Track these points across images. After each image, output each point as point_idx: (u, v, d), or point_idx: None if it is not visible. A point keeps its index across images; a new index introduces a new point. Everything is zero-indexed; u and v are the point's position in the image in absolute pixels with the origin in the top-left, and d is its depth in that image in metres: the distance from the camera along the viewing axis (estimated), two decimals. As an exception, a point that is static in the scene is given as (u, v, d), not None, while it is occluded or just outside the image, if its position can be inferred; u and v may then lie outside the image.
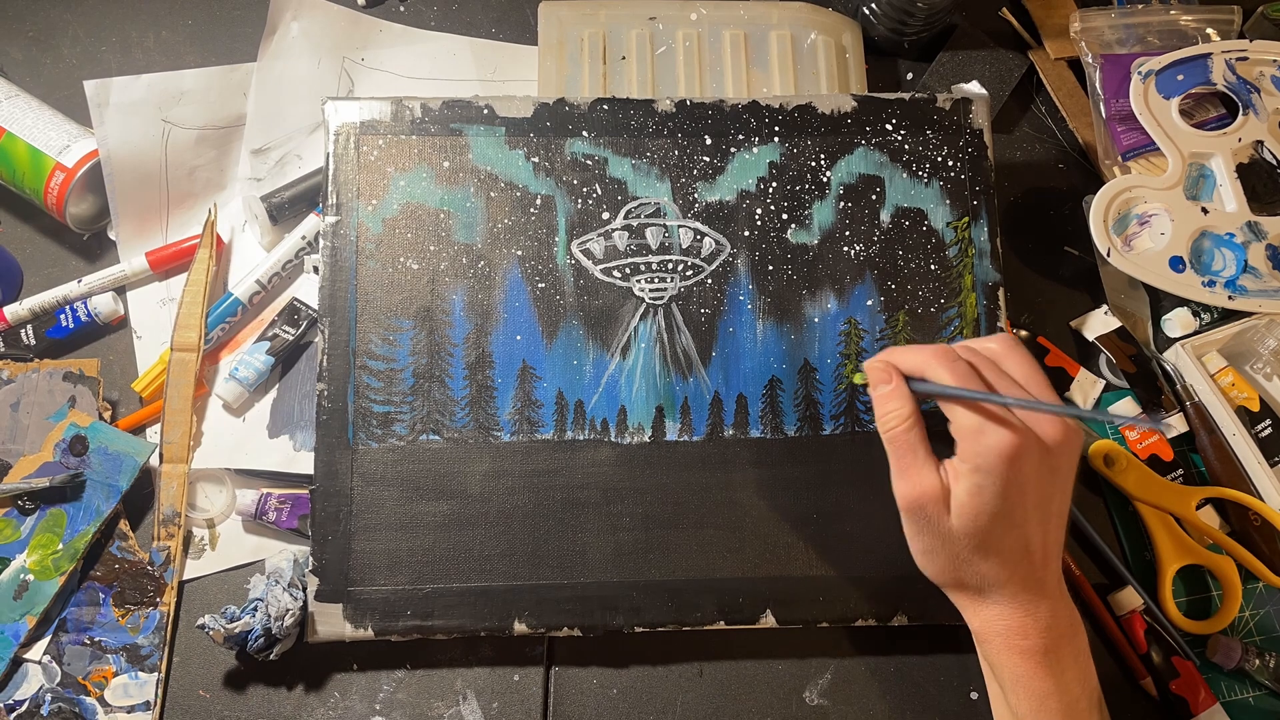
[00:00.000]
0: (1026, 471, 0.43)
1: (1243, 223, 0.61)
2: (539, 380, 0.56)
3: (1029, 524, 0.45)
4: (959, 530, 0.45)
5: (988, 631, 0.46)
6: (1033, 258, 0.65)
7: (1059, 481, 0.45)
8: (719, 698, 0.56)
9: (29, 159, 0.59)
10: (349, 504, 0.54)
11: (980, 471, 0.43)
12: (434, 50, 0.68)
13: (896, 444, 0.46)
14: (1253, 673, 0.56)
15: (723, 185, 0.58)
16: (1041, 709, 0.45)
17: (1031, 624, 0.45)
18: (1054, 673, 0.45)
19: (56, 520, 0.55)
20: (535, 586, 0.54)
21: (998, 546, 0.45)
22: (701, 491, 0.55)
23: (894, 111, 0.59)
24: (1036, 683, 0.45)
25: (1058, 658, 0.45)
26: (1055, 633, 0.45)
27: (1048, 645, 0.45)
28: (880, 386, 0.47)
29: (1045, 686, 0.45)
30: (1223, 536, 0.58)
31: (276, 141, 0.64)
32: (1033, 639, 0.45)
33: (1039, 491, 0.44)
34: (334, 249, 0.56)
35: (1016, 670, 0.45)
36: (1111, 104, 0.65)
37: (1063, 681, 0.45)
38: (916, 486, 0.45)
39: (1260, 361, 0.62)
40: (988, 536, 0.44)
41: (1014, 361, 0.47)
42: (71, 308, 0.60)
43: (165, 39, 0.67)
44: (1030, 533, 0.45)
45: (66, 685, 0.53)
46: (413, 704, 0.55)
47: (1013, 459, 0.43)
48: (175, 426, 0.57)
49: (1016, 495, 0.44)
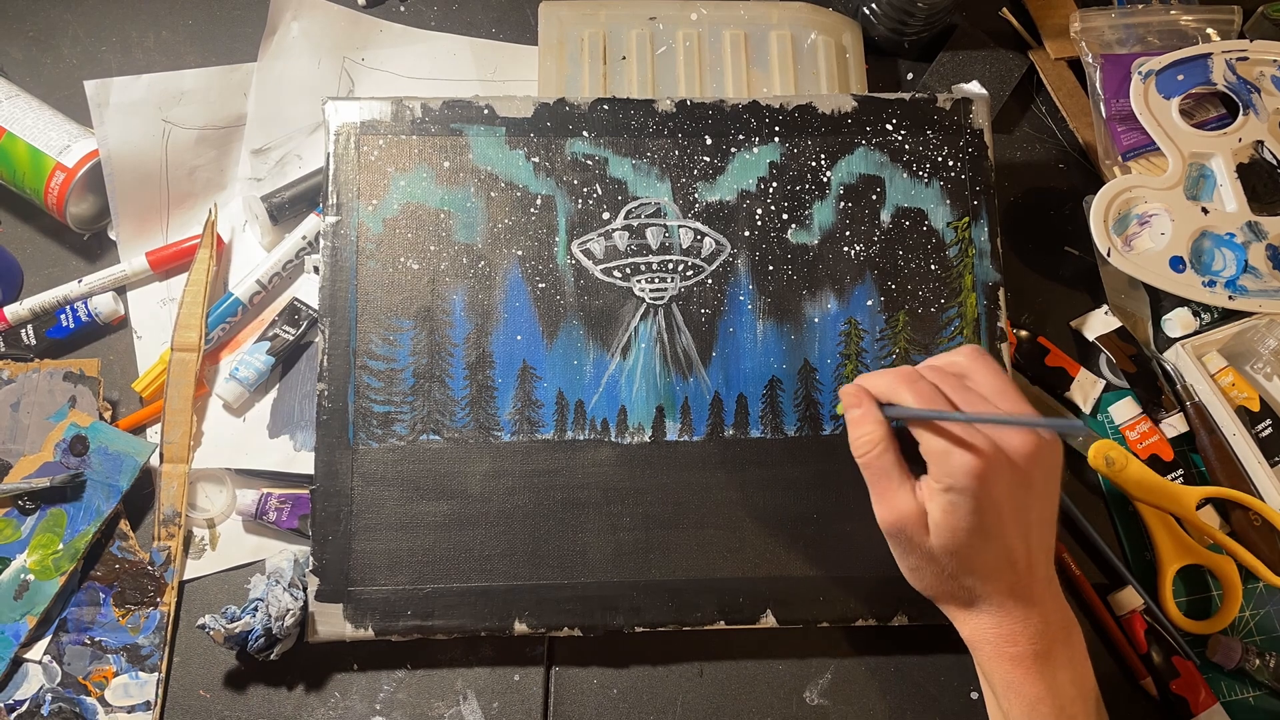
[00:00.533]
0: (998, 488, 0.44)
1: (1243, 223, 0.61)
2: (539, 380, 0.56)
3: (1008, 536, 0.45)
4: (939, 548, 0.45)
5: (977, 640, 0.47)
6: (1033, 258, 0.65)
7: (1035, 492, 0.45)
8: (719, 698, 0.56)
9: (29, 159, 0.59)
10: (349, 504, 0.54)
11: (952, 491, 0.44)
12: (434, 50, 0.68)
13: (871, 469, 0.47)
14: (1253, 673, 0.56)
15: (723, 185, 0.58)
16: (1033, 713, 0.45)
17: (1021, 630, 0.45)
18: (1045, 677, 0.45)
19: (57, 520, 0.55)
20: (535, 586, 0.54)
21: (979, 560, 0.45)
22: (702, 491, 0.55)
23: (894, 111, 0.59)
24: (1028, 688, 0.45)
25: (1050, 662, 0.45)
26: (1047, 638, 0.45)
27: (1039, 650, 0.45)
28: (852, 410, 0.48)
29: (1037, 691, 0.45)
30: (1223, 536, 0.58)
31: (277, 141, 0.64)
32: (1022, 645, 0.45)
33: (1013, 504, 0.45)
34: (334, 249, 0.56)
35: (1007, 677, 0.45)
36: (1112, 104, 0.65)
37: (1055, 685, 0.45)
38: (894, 510, 0.46)
39: (1260, 361, 0.62)
40: (968, 551, 0.45)
41: (980, 375, 0.47)
42: (72, 307, 0.60)
43: (165, 39, 0.67)
44: (1011, 544, 0.45)
45: (67, 685, 0.53)
46: (413, 704, 0.55)
47: (981, 477, 0.43)
48: (175, 427, 0.57)
49: (991, 511, 0.44)
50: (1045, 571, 0.47)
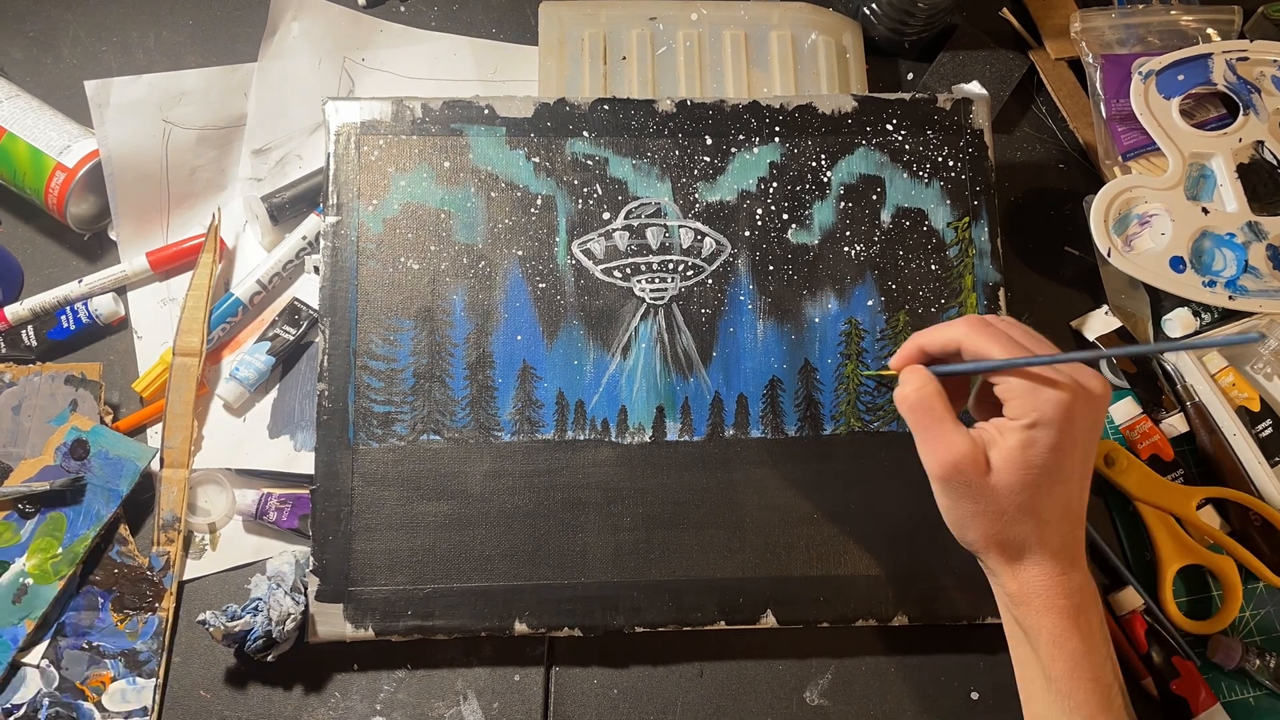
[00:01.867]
0: (1079, 424, 0.43)
1: (1243, 223, 0.61)
2: (539, 380, 0.56)
3: (1072, 481, 0.45)
4: (1005, 487, 0.44)
5: (1026, 592, 0.46)
6: (1033, 258, 0.65)
7: (1096, 435, 0.46)
8: (719, 698, 0.56)
9: (30, 159, 0.59)
10: (349, 504, 0.54)
11: (1038, 426, 0.43)
12: (434, 50, 0.68)
13: (920, 411, 0.46)
14: (1253, 673, 0.56)
15: (723, 185, 0.58)
16: (1076, 671, 0.44)
17: (1066, 584, 0.45)
18: (1085, 634, 0.45)
19: (56, 524, 0.55)
20: (536, 586, 0.54)
21: (1043, 504, 0.44)
22: (702, 491, 0.55)
23: (894, 112, 0.59)
24: (1073, 642, 0.45)
25: (1088, 620, 0.45)
26: (1086, 594, 0.45)
27: (1081, 604, 0.45)
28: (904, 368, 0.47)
29: (1080, 647, 0.45)
30: (1223, 536, 0.58)
31: (277, 141, 0.64)
32: (1071, 598, 0.45)
33: (1085, 445, 0.45)
34: (335, 249, 0.56)
35: (1055, 630, 0.45)
36: (1112, 104, 0.65)
37: (1092, 643, 0.45)
38: (951, 450, 0.44)
39: (1260, 361, 0.62)
40: (1035, 492, 0.44)
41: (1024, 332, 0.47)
42: (72, 309, 0.60)
43: (166, 39, 0.67)
44: (1071, 491, 0.45)
45: (64, 690, 0.53)
46: (413, 704, 0.55)
47: (1069, 410, 0.43)
48: (176, 431, 0.57)
49: (1068, 449, 0.44)
50: (1084, 530, 0.47)
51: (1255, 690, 0.57)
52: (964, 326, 0.46)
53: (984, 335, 0.45)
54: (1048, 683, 0.45)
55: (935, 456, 0.45)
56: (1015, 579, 0.46)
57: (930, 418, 0.46)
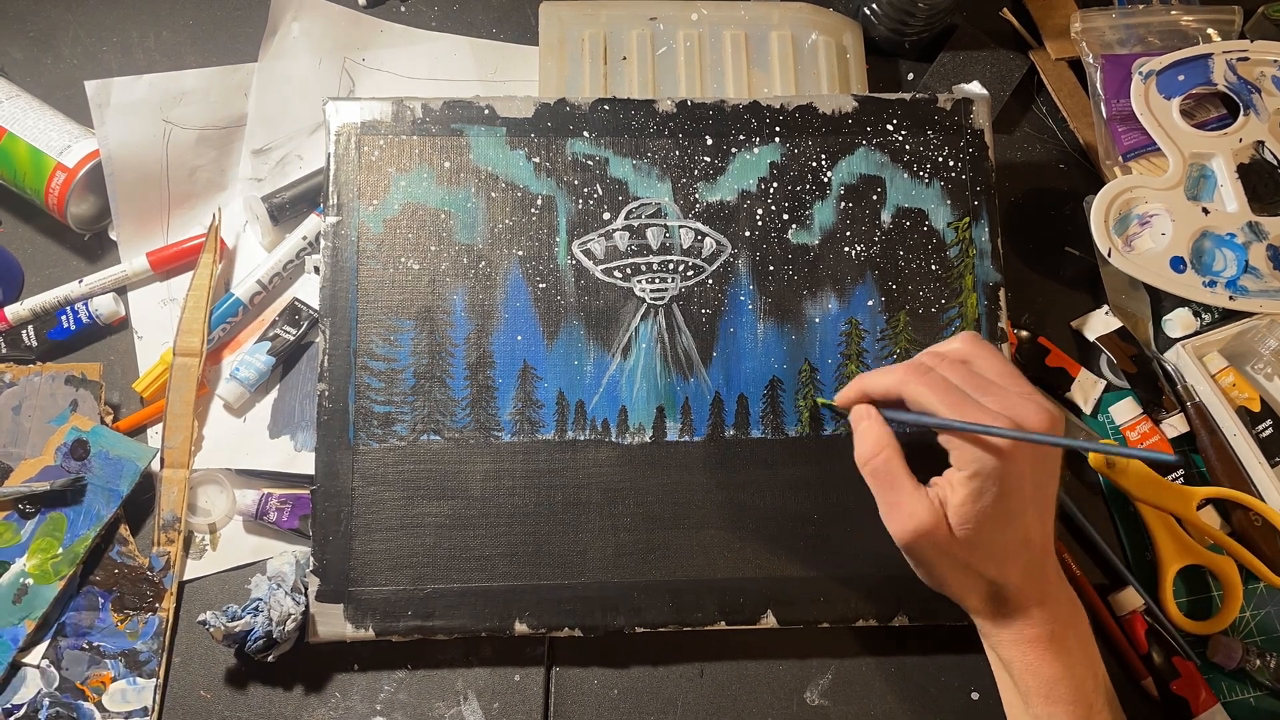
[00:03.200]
0: (1022, 465, 0.44)
1: (1243, 223, 0.61)
2: (540, 380, 0.56)
3: (1027, 516, 0.45)
4: (963, 540, 0.45)
5: (995, 627, 0.47)
6: (1033, 258, 0.65)
7: (1048, 468, 0.46)
8: (720, 698, 0.56)
9: (30, 159, 0.59)
10: (350, 504, 0.54)
11: (979, 476, 0.44)
12: (435, 50, 0.68)
13: (878, 477, 0.47)
14: (1253, 673, 0.56)
15: (723, 185, 0.58)
16: (1051, 694, 0.45)
17: (1037, 612, 0.46)
18: (1061, 658, 0.45)
19: (57, 524, 0.55)
20: (536, 587, 0.53)
21: (1001, 544, 0.45)
22: (702, 492, 0.55)
23: (895, 112, 0.59)
24: (1046, 669, 0.45)
25: (1063, 642, 0.46)
26: (1060, 620, 0.46)
27: (1054, 631, 0.46)
28: (859, 422, 0.48)
29: (1054, 672, 0.45)
30: (1223, 537, 0.58)
31: (277, 142, 0.64)
32: (1040, 627, 0.46)
33: (1034, 481, 0.45)
34: (335, 249, 0.56)
35: (1026, 659, 0.46)
36: (1112, 104, 0.65)
37: (1069, 664, 0.46)
38: (912, 519, 0.45)
39: (1261, 362, 0.62)
40: (992, 537, 0.45)
41: (983, 360, 0.47)
42: (73, 309, 0.60)
43: (166, 39, 0.67)
44: (1029, 524, 0.46)
45: (65, 690, 0.53)
46: (414, 704, 0.55)
47: (1010, 453, 0.43)
48: (176, 431, 0.57)
49: (1016, 492, 0.44)
50: (1053, 555, 0.48)
51: (1255, 690, 0.57)
52: (902, 374, 0.47)
53: (921, 384, 0.46)
54: (1025, 706, 0.47)
55: (897, 525, 0.46)
56: (983, 615, 0.48)
57: (888, 483, 0.46)
